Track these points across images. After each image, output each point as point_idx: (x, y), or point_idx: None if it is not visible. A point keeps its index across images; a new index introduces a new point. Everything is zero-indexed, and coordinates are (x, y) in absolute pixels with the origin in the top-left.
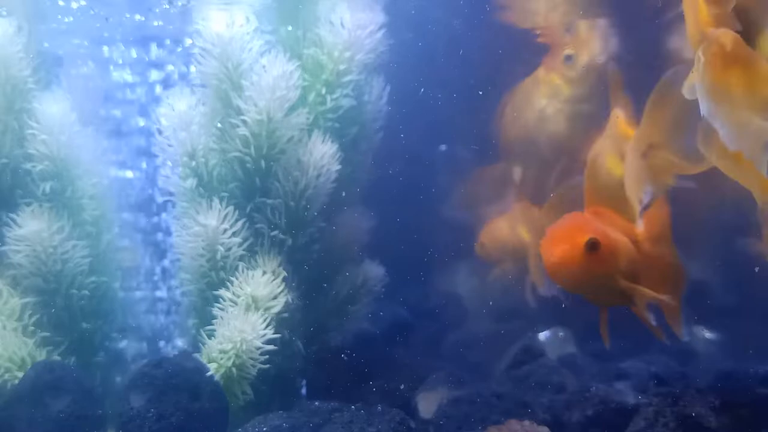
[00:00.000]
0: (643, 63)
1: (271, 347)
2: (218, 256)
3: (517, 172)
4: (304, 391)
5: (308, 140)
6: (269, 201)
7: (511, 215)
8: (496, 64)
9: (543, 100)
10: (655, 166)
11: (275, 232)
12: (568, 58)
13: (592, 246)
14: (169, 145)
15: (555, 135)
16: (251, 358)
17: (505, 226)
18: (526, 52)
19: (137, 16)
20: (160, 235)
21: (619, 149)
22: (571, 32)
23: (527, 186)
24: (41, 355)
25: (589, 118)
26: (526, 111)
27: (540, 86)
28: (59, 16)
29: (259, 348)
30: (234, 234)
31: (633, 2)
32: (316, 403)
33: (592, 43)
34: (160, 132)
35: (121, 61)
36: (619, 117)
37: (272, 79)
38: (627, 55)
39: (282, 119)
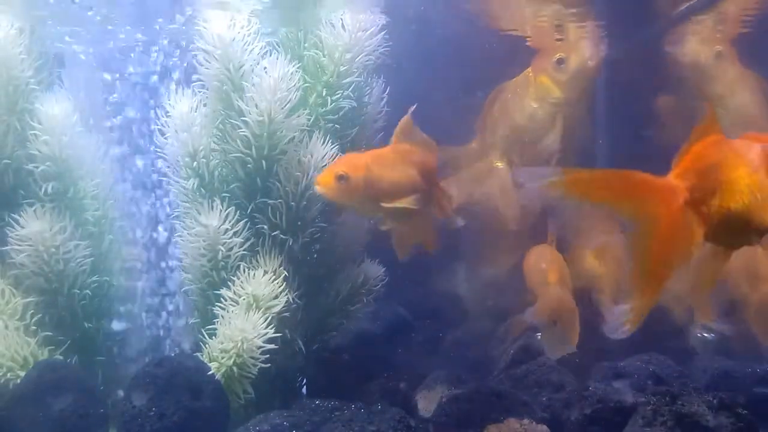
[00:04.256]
0: (637, 65)
1: (272, 346)
2: (219, 256)
3: None
4: (304, 389)
5: (309, 141)
6: (270, 201)
7: None
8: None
9: (533, 101)
10: None
11: (276, 232)
12: (560, 61)
13: None
14: (171, 146)
15: (543, 136)
16: (252, 357)
17: None
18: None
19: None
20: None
21: None
22: (561, 36)
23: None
24: (43, 355)
25: (578, 121)
26: (515, 110)
27: (529, 88)
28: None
29: (260, 347)
30: (235, 234)
31: (626, 5)
32: (317, 401)
33: (583, 46)
34: (162, 133)
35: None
36: None
37: (273, 81)
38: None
39: (283, 120)
